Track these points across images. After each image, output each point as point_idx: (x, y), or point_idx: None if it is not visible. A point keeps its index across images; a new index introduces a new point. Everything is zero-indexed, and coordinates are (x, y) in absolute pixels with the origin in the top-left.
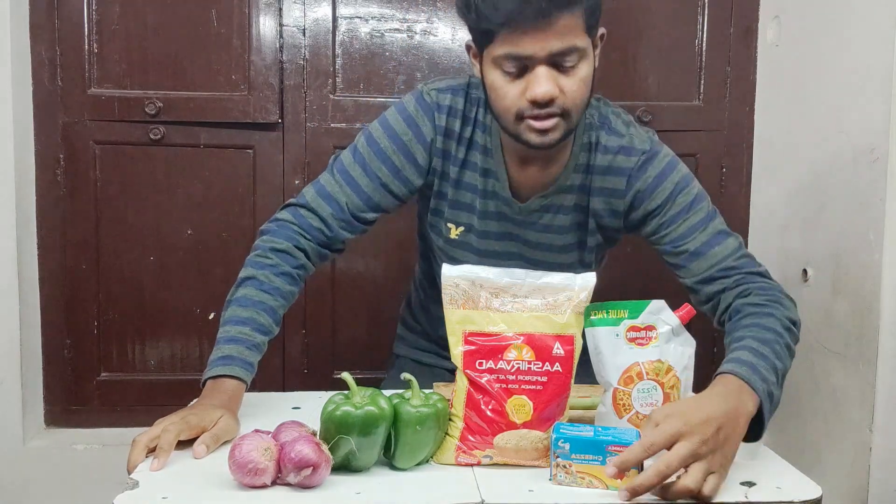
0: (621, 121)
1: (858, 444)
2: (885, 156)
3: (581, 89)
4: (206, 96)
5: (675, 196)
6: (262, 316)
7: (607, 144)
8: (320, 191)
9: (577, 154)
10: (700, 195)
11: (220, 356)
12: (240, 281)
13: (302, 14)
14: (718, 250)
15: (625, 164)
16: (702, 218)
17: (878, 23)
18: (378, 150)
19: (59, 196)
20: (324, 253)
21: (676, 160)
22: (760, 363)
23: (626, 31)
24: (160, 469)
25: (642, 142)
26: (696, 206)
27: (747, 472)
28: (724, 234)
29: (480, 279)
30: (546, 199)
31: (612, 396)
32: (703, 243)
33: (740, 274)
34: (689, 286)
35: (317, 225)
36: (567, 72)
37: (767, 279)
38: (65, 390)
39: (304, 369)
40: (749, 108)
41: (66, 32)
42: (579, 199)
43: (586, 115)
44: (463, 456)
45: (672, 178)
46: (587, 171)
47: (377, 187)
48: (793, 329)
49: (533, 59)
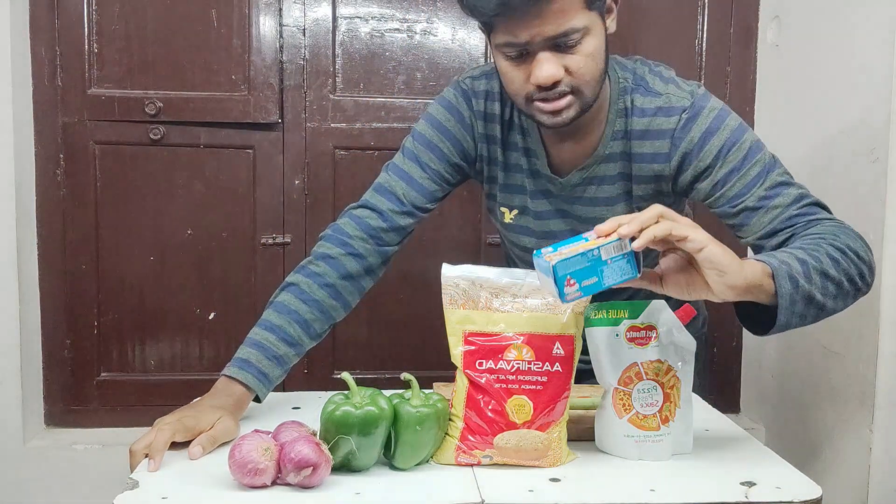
0: (660, 79)
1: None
2: (885, 156)
3: (589, 64)
4: (206, 96)
5: (726, 153)
6: (293, 327)
7: (644, 107)
8: (377, 188)
9: (612, 121)
10: (755, 147)
11: (240, 357)
12: (284, 285)
13: (302, 14)
14: (780, 200)
15: (665, 125)
16: (759, 171)
17: (878, 23)
18: (426, 142)
19: (59, 196)
20: (385, 251)
21: (725, 112)
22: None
23: (626, 30)
24: (156, 470)
25: (681, 98)
26: (750, 159)
27: (747, 472)
28: (785, 185)
29: (480, 279)
30: (586, 171)
31: (612, 396)
32: (763, 197)
33: (807, 221)
34: (753, 244)
35: (375, 223)
36: (570, 50)
37: (841, 223)
38: (65, 390)
39: (304, 369)
40: (749, 108)
41: (66, 32)
42: (622, 167)
43: (620, 79)
44: (463, 456)
45: (720, 135)
46: (625, 136)
47: (431, 176)
48: (847, 252)
49: (531, 44)
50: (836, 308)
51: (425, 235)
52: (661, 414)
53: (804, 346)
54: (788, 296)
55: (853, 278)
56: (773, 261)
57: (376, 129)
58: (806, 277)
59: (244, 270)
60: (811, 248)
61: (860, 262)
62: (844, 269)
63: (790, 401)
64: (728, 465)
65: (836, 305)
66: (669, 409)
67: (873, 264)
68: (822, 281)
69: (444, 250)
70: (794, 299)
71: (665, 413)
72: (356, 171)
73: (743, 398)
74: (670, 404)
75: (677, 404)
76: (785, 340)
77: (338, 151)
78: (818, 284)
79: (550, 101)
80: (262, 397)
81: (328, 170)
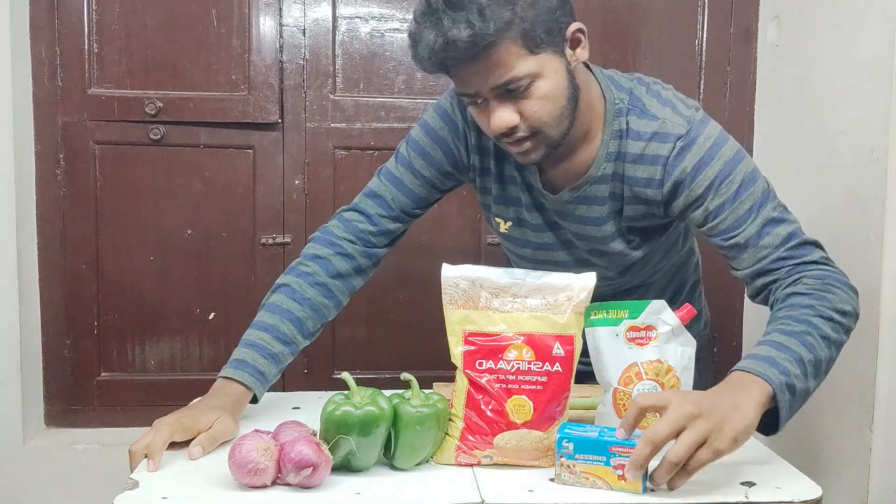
0: (657, 100)
1: (858, 444)
2: (885, 156)
3: (545, 107)
4: (206, 96)
5: (718, 185)
6: (286, 325)
7: (639, 130)
8: (368, 193)
9: (607, 142)
10: (748, 179)
11: (236, 358)
12: (275, 286)
13: (302, 14)
14: (769, 241)
15: (660, 150)
16: (750, 206)
17: (878, 23)
18: (419, 149)
19: (59, 196)
20: (374, 253)
21: (722, 140)
22: (780, 355)
23: (626, 31)
24: (155, 470)
25: (677, 125)
26: (742, 193)
27: (747, 472)
28: (776, 222)
29: (480, 279)
30: (577, 191)
31: (612, 396)
32: (753, 235)
33: (793, 264)
34: (742, 278)
35: (363, 227)
36: (522, 95)
37: (825, 266)
38: (65, 390)
39: (304, 369)
40: (749, 108)
41: (66, 32)
42: (614, 187)
43: (616, 100)
44: (463, 456)
45: (714, 166)
46: (619, 158)
47: (422, 183)
48: (835, 318)
49: (480, 94)
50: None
51: (425, 236)
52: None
53: None
54: (787, 405)
55: (842, 343)
56: (773, 379)
57: (376, 129)
58: (803, 377)
59: (244, 270)
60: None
61: (848, 320)
62: (836, 341)
63: None
64: (728, 465)
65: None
66: None
67: (858, 311)
68: (816, 368)
69: (444, 250)
70: (793, 406)
71: None
72: (356, 171)
73: None
74: None
75: None
76: None
77: (338, 151)
78: (812, 374)
79: (514, 144)
80: (259, 396)
81: (328, 170)
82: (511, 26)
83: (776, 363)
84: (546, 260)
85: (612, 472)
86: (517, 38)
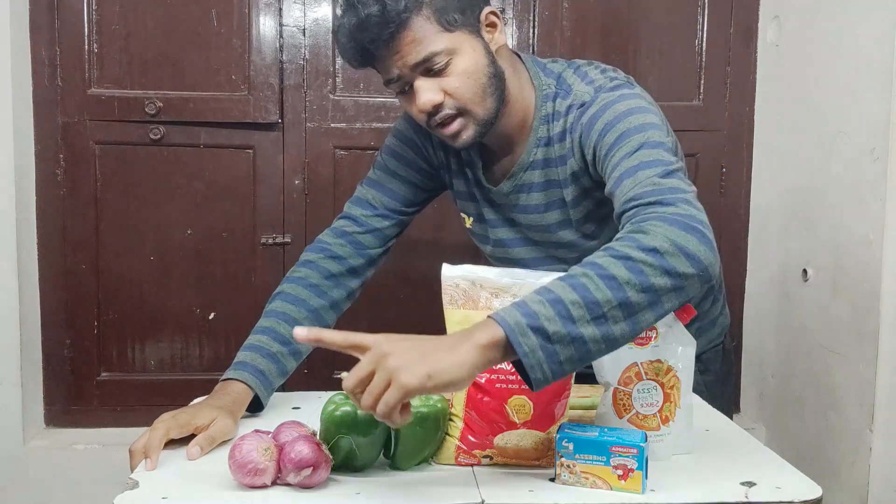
0: (584, 81)
1: (858, 444)
2: (885, 156)
3: (466, 83)
4: (206, 96)
5: (604, 135)
6: (283, 326)
7: (560, 109)
8: (352, 200)
9: (536, 128)
10: (631, 129)
11: (236, 361)
12: (273, 294)
13: (302, 14)
14: (628, 182)
15: (570, 120)
16: (626, 153)
17: (878, 23)
18: (392, 152)
19: (59, 196)
20: (366, 253)
21: (619, 99)
22: (534, 297)
23: (626, 31)
24: (154, 468)
25: (583, 94)
26: (621, 141)
27: (747, 472)
28: (645, 166)
29: (480, 279)
30: (514, 179)
31: (612, 396)
32: (617, 178)
33: (638, 205)
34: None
35: (349, 229)
36: (443, 73)
37: (664, 206)
38: (65, 390)
39: (304, 369)
40: (749, 108)
41: (66, 32)
42: (550, 174)
43: (544, 86)
44: (463, 456)
45: (604, 118)
46: (548, 143)
47: (401, 181)
48: (634, 257)
49: (403, 76)
50: (656, 316)
51: (425, 236)
52: (661, 414)
53: (804, 346)
54: (538, 349)
55: (655, 284)
56: (508, 320)
57: (376, 129)
58: (561, 319)
59: (244, 270)
60: (579, 273)
61: (659, 258)
62: (636, 283)
63: (790, 401)
64: (728, 465)
65: (633, 315)
66: (669, 409)
67: (689, 249)
68: (592, 311)
69: (444, 250)
70: (555, 351)
71: (665, 413)
72: (356, 171)
73: (743, 398)
74: (670, 404)
75: (677, 404)
76: (785, 340)
77: (338, 151)
78: (584, 317)
79: (444, 125)
80: (262, 397)
81: (328, 170)
82: (422, 4)
83: (521, 305)
84: (504, 258)
85: (612, 472)
86: (430, 15)
